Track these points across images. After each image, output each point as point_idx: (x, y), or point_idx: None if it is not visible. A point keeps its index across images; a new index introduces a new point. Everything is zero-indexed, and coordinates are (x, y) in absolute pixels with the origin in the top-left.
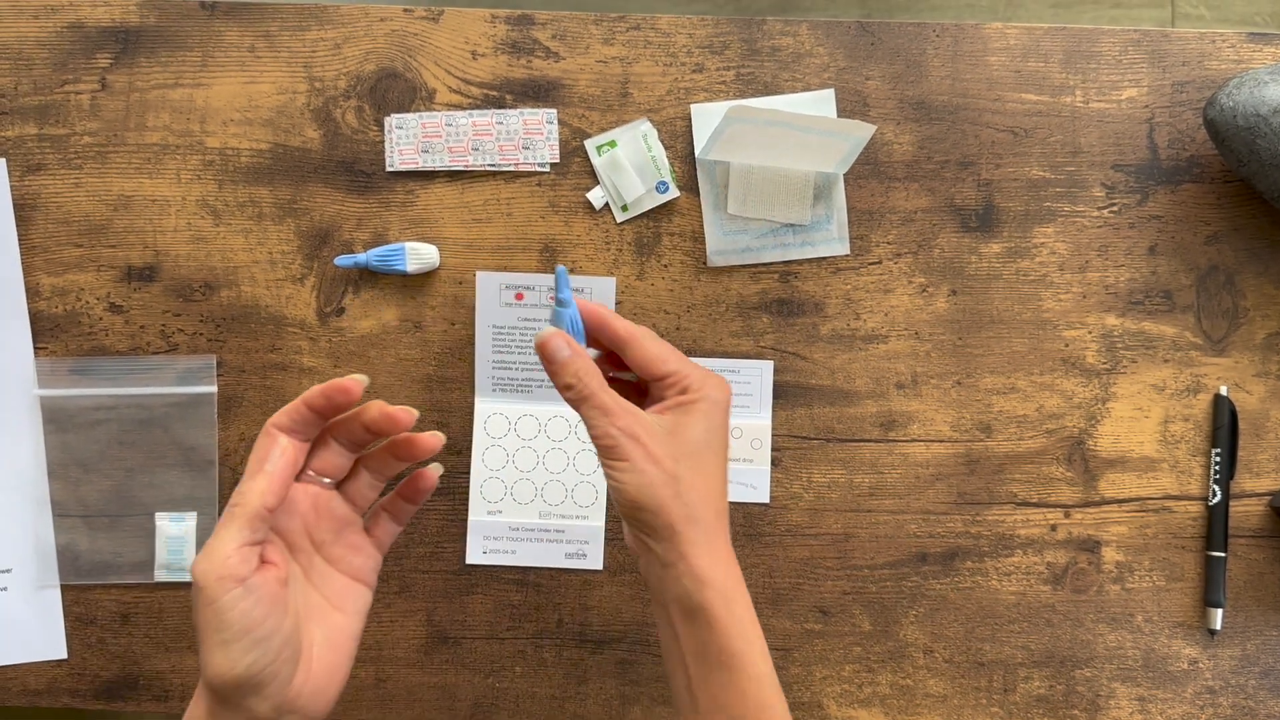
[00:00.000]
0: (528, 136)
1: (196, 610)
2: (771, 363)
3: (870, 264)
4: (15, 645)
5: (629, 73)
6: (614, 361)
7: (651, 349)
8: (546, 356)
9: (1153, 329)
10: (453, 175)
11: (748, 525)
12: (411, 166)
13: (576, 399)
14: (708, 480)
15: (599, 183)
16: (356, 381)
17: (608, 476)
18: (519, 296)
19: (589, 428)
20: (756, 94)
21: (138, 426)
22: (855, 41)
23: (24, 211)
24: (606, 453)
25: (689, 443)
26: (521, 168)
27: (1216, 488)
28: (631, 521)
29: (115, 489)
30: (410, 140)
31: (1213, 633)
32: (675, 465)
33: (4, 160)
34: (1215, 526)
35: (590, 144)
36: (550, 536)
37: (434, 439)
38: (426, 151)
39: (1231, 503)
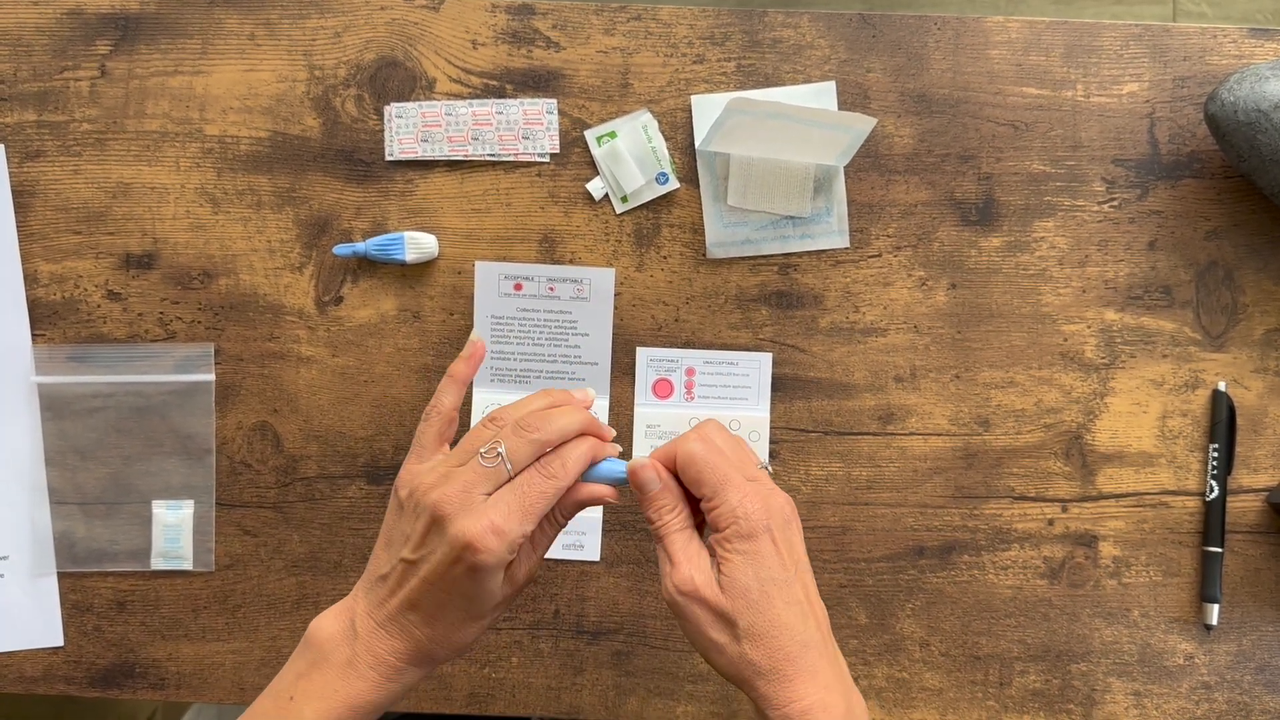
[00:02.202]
0: (528, 126)
1: (458, 584)
2: (770, 355)
3: (870, 257)
4: (11, 632)
5: (629, 63)
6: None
7: (695, 462)
8: (637, 486)
9: (1152, 324)
10: (452, 165)
11: None
12: (411, 156)
13: (655, 536)
14: (774, 622)
15: (599, 173)
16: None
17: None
18: (518, 287)
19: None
20: (757, 86)
21: (135, 414)
22: (856, 34)
23: (22, 198)
24: (672, 608)
25: (745, 592)
26: (521, 158)
27: (1214, 483)
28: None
29: (112, 476)
30: (410, 129)
31: (1209, 628)
32: (736, 620)
33: (3, 146)
34: (1212, 522)
35: (590, 134)
36: None
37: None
38: (426, 141)
39: (1229, 498)
